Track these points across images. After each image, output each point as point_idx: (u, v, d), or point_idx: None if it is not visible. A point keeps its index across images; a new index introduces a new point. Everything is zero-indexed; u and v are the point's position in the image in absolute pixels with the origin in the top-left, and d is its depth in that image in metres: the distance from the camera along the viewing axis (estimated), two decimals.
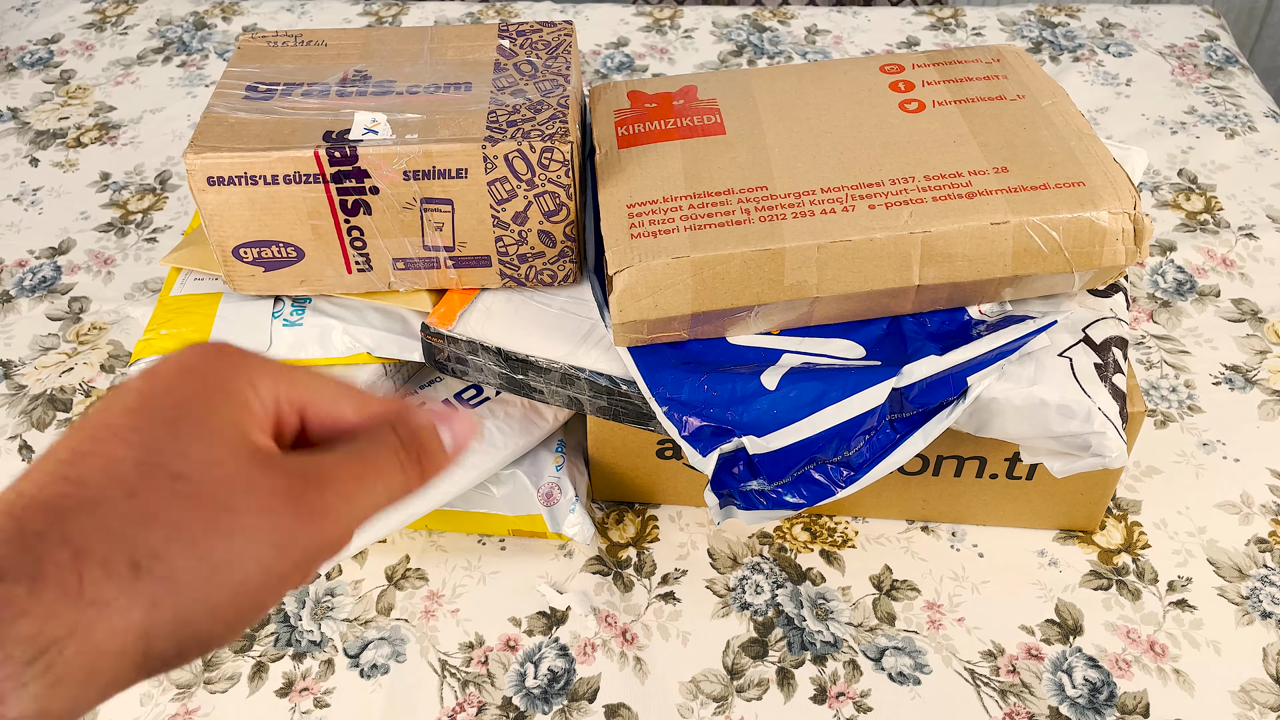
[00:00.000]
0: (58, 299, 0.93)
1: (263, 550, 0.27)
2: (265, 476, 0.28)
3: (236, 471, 0.28)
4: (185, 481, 0.27)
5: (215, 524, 0.27)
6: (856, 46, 1.20)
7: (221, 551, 0.27)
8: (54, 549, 0.25)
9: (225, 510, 0.27)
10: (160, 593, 0.26)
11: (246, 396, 0.29)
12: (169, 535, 0.26)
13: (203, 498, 0.27)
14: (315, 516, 0.28)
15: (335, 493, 0.29)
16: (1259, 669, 0.65)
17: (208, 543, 0.26)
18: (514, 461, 0.71)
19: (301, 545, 0.28)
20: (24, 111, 1.16)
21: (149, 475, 0.27)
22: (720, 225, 0.60)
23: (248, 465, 0.28)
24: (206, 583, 0.26)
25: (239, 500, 0.27)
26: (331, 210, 0.63)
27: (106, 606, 0.25)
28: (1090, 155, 0.63)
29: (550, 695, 0.65)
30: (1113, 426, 0.59)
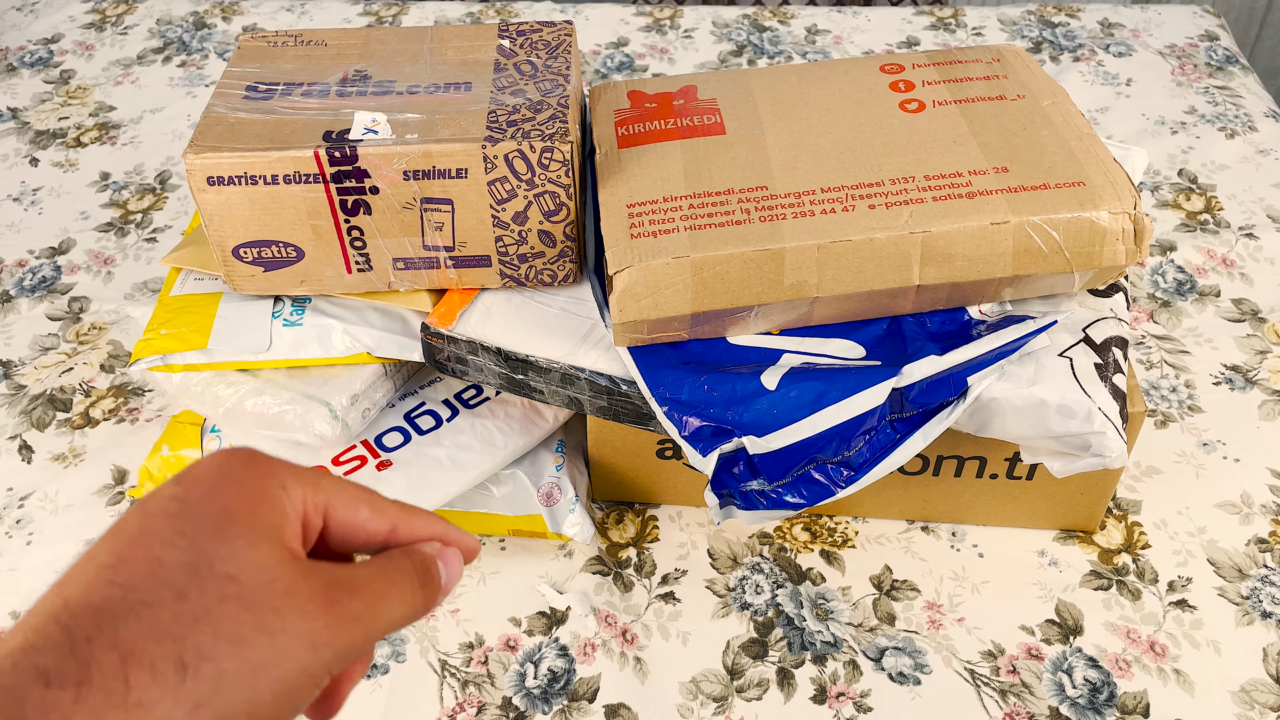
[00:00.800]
0: (58, 299, 0.93)
1: (302, 650, 0.28)
2: (305, 581, 0.29)
3: (281, 575, 0.29)
4: (235, 584, 0.28)
5: (261, 625, 0.28)
6: (856, 46, 1.20)
7: (265, 652, 0.28)
8: (102, 654, 0.26)
9: (271, 611, 0.28)
10: (205, 693, 0.26)
11: (281, 502, 0.31)
12: (217, 635, 0.27)
13: (251, 599, 0.28)
14: (345, 622, 0.30)
15: (363, 602, 0.31)
16: (1259, 669, 0.65)
17: (254, 643, 0.27)
18: (514, 461, 0.71)
19: (333, 648, 0.29)
20: (24, 111, 1.16)
21: (197, 577, 0.28)
22: (720, 225, 0.60)
23: (290, 569, 0.29)
24: (250, 682, 0.27)
25: (282, 603, 0.28)
26: (331, 210, 0.63)
27: (151, 709, 0.26)
28: (1090, 155, 0.63)
29: (550, 695, 0.65)
30: (1113, 426, 0.59)
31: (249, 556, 0.29)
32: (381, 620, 0.31)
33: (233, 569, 0.28)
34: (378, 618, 0.31)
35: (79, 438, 0.81)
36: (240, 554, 0.29)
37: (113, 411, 0.83)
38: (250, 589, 0.28)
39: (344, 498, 0.33)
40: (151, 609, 0.27)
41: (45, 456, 0.80)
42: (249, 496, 0.30)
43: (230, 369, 0.68)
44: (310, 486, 0.32)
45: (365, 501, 0.33)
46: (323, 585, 0.30)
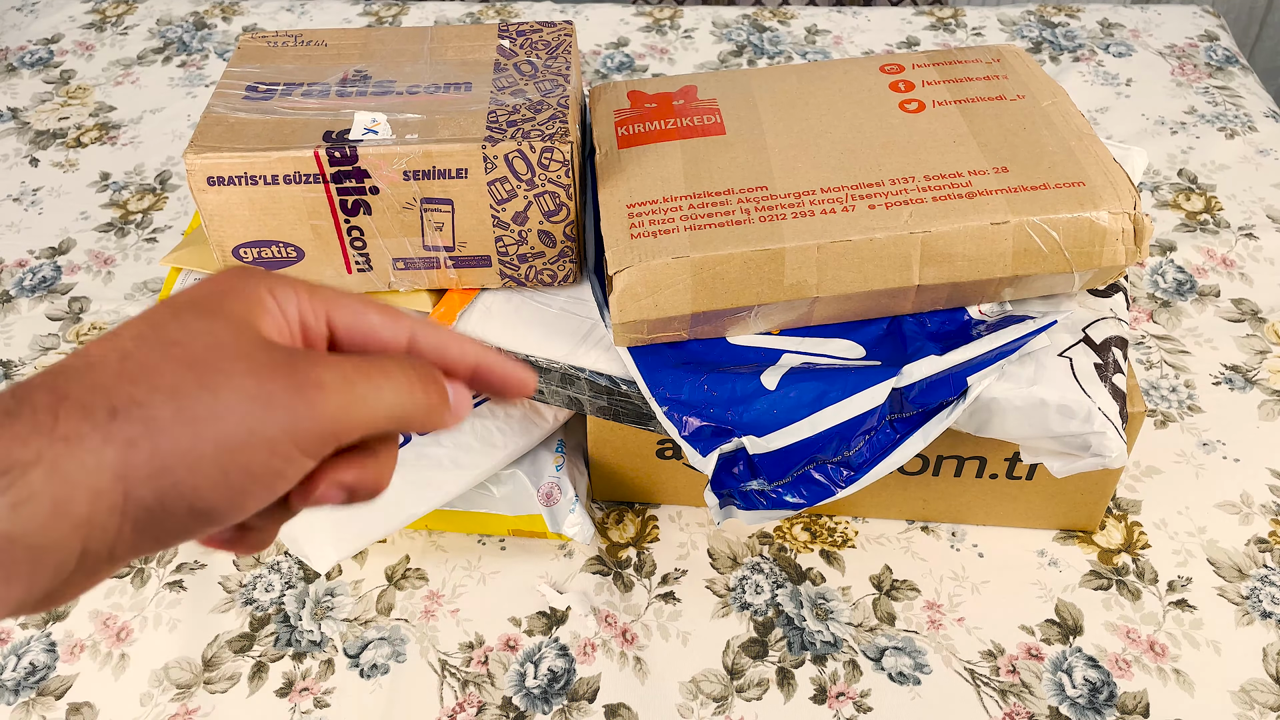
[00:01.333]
0: (58, 299, 0.93)
1: (248, 408, 0.27)
2: (262, 350, 0.28)
3: (233, 343, 0.28)
4: (180, 347, 0.28)
5: (202, 380, 0.27)
6: (856, 46, 1.20)
7: (204, 403, 0.27)
8: (37, 394, 0.26)
9: (214, 370, 0.27)
10: (136, 433, 0.26)
11: (261, 298, 0.30)
12: (152, 387, 0.27)
13: (193, 359, 0.27)
14: (307, 386, 0.28)
15: (333, 371, 0.29)
16: (1259, 669, 0.65)
17: (189, 394, 0.27)
18: (514, 461, 0.71)
19: (292, 412, 0.28)
20: (24, 111, 1.16)
21: (144, 342, 0.28)
22: (720, 225, 0.60)
23: (247, 342, 0.28)
24: (186, 431, 0.26)
25: (229, 364, 0.28)
26: (331, 210, 0.63)
27: (79, 442, 0.25)
28: (1090, 155, 0.63)
29: (550, 695, 0.65)
30: (1113, 426, 0.59)
31: (200, 326, 0.28)
32: (360, 397, 0.29)
33: (179, 336, 0.28)
34: (355, 393, 0.29)
35: None
36: (190, 325, 0.28)
37: None
38: (195, 351, 0.28)
39: (347, 301, 0.32)
40: (94, 368, 0.27)
41: None
42: (221, 290, 0.30)
43: None
44: (306, 291, 0.31)
45: (374, 308, 0.32)
46: (286, 355, 0.29)
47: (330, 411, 0.28)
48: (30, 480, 0.25)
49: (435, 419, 0.32)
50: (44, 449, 0.25)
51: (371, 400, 0.30)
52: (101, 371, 0.27)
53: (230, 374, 0.27)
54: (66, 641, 0.69)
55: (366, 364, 0.30)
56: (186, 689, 0.66)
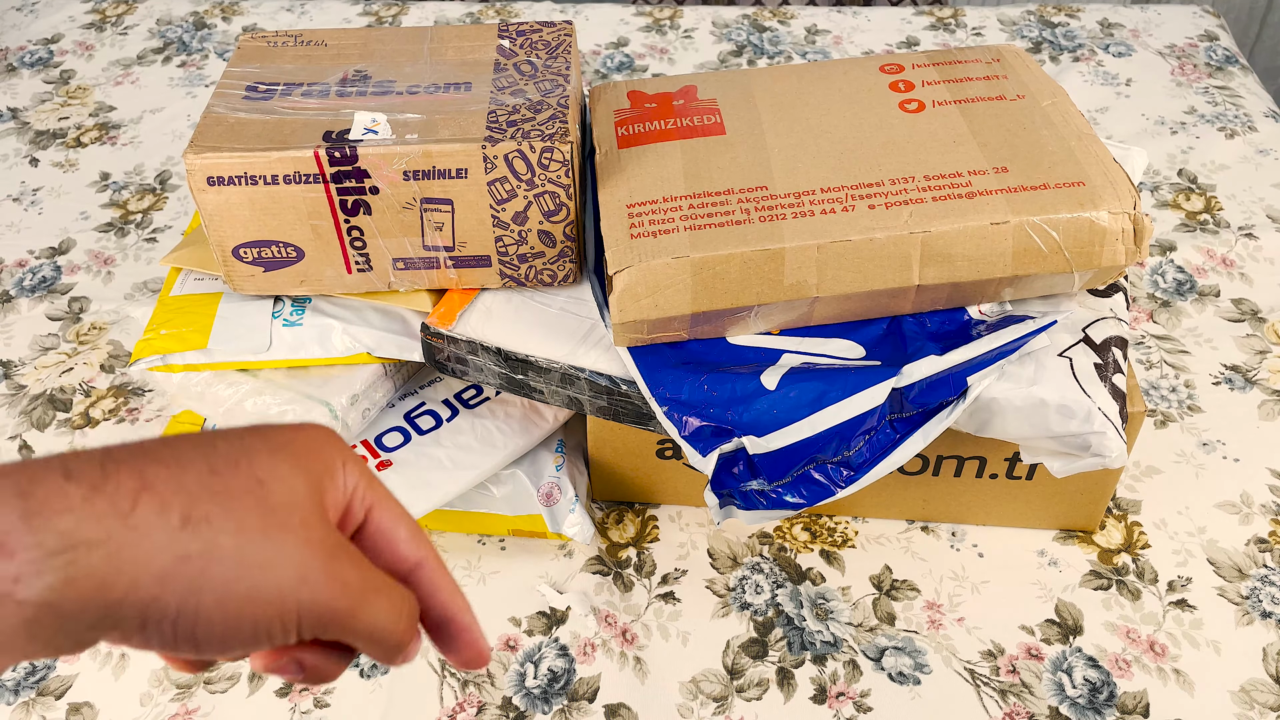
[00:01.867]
0: (58, 299, 0.93)
1: (289, 575, 0.29)
2: (320, 525, 0.30)
3: (304, 507, 0.30)
4: (263, 488, 0.29)
5: (267, 531, 0.29)
6: (856, 46, 1.20)
7: (259, 552, 0.29)
8: (125, 476, 0.27)
9: (281, 527, 0.29)
10: (195, 550, 0.27)
11: (335, 470, 0.32)
12: (227, 513, 0.28)
13: (270, 506, 0.29)
14: (338, 580, 0.30)
15: (360, 576, 0.31)
16: (1259, 669, 0.65)
17: (254, 538, 0.29)
18: (514, 461, 0.71)
19: (315, 595, 0.29)
20: (24, 111, 1.16)
21: (235, 466, 0.29)
22: (720, 225, 0.60)
23: (313, 511, 0.30)
24: (234, 569, 0.28)
25: (295, 526, 0.30)
26: (331, 210, 0.63)
27: (145, 536, 0.27)
28: (1090, 155, 0.63)
29: (550, 695, 0.65)
30: (1112, 426, 0.59)
31: (286, 477, 0.30)
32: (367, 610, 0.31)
33: (266, 477, 0.30)
34: (365, 603, 0.31)
35: (79, 438, 0.81)
36: (279, 472, 0.30)
37: (113, 411, 0.83)
38: (273, 499, 0.29)
39: (390, 506, 0.34)
40: (183, 467, 0.28)
41: None
42: (311, 447, 0.32)
43: (230, 369, 0.68)
44: (366, 478, 0.33)
45: (407, 523, 0.34)
46: (336, 541, 0.31)
47: (342, 607, 0.30)
48: (92, 560, 0.26)
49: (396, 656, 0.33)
50: (115, 532, 0.26)
51: (369, 615, 0.31)
52: (189, 475, 0.28)
53: (291, 534, 0.29)
54: None
55: (384, 581, 0.32)
56: (186, 689, 0.66)
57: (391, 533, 0.33)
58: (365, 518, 0.33)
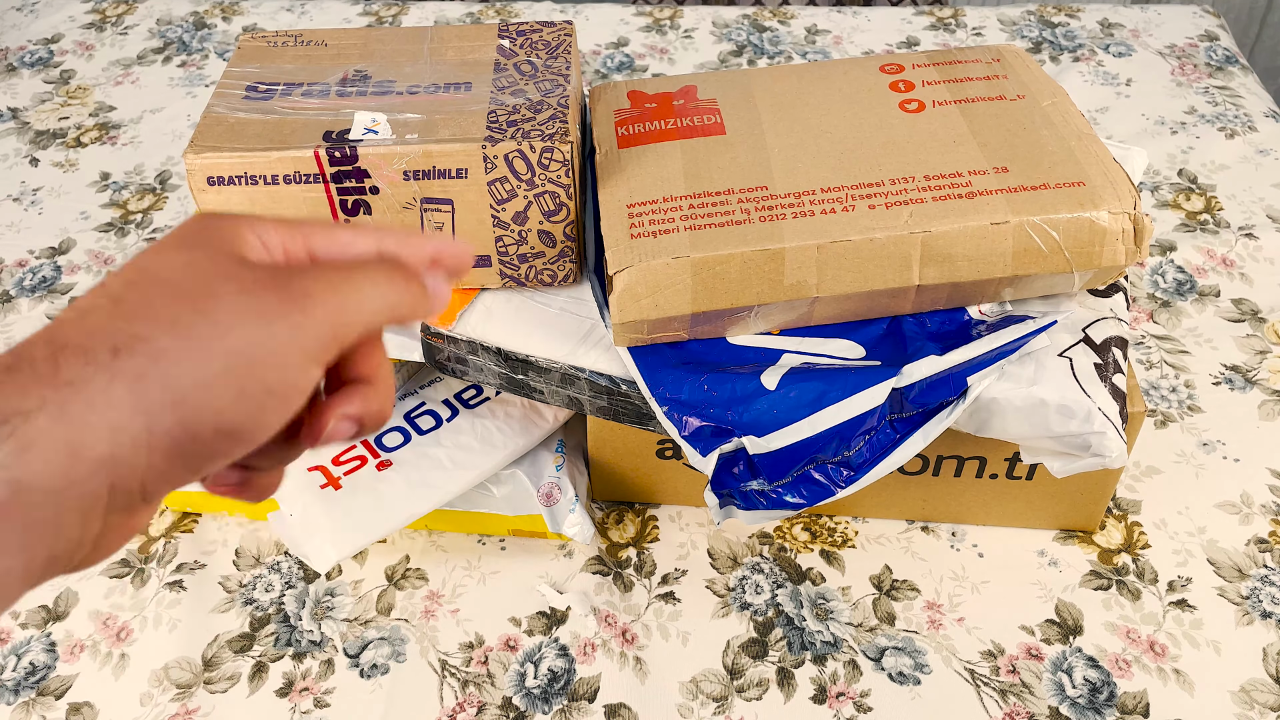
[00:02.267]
0: (58, 299, 0.93)
1: (246, 324, 0.28)
2: (247, 270, 0.29)
3: (220, 269, 0.29)
4: (169, 283, 0.28)
5: (195, 306, 0.28)
6: (856, 46, 1.20)
7: (203, 326, 0.27)
8: (34, 348, 0.27)
9: (206, 296, 0.28)
10: (143, 366, 0.26)
11: (240, 231, 0.30)
12: (150, 321, 0.27)
13: (185, 290, 0.28)
14: (298, 296, 0.29)
15: (317, 278, 0.30)
16: (1259, 669, 0.65)
17: (188, 321, 0.27)
18: (514, 461, 0.71)
19: (289, 320, 0.28)
20: (24, 111, 1.16)
21: (133, 285, 0.28)
22: (720, 225, 0.60)
23: (232, 265, 0.29)
24: (192, 355, 0.27)
25: (219, 287, 0.28)
26: (331, 210, 0.63)
27: (84, 384, 0.26)
28: (1090, 155, 0.63)
29: (550, 695, 0.65)
30: (1113, 426, 0.59)
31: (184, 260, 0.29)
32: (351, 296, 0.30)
33: (166, 274, 0.28)
34: (343, 296, 0.30)
35: None
36: (174, 260, 0.29)
37: None
38: (185, 283, 0.28)
39: (319, 227, 0.33)
40: (87, 314, 0.27)
41: None
42: (200, 226, 0.30)
43: None
44: (284, 224, 0.32)
45: (341, 227, 0.33)
46: (269, 271, 0.30)
47: (325, 314, 0.29)
48: (36, 425, 0.25)
49: (420, 306, 0.33)
50: (48, 395, 0.25)
51: (360, 297, 0.30)
52: (95, 316, 0.27)
53: (222, 295, 0.28)
54: (66, 641, 0.69)
55: (346, 267, 0.31)
56: (186, 689, 0.66)
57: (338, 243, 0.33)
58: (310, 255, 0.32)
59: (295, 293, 0.29)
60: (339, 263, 0.31)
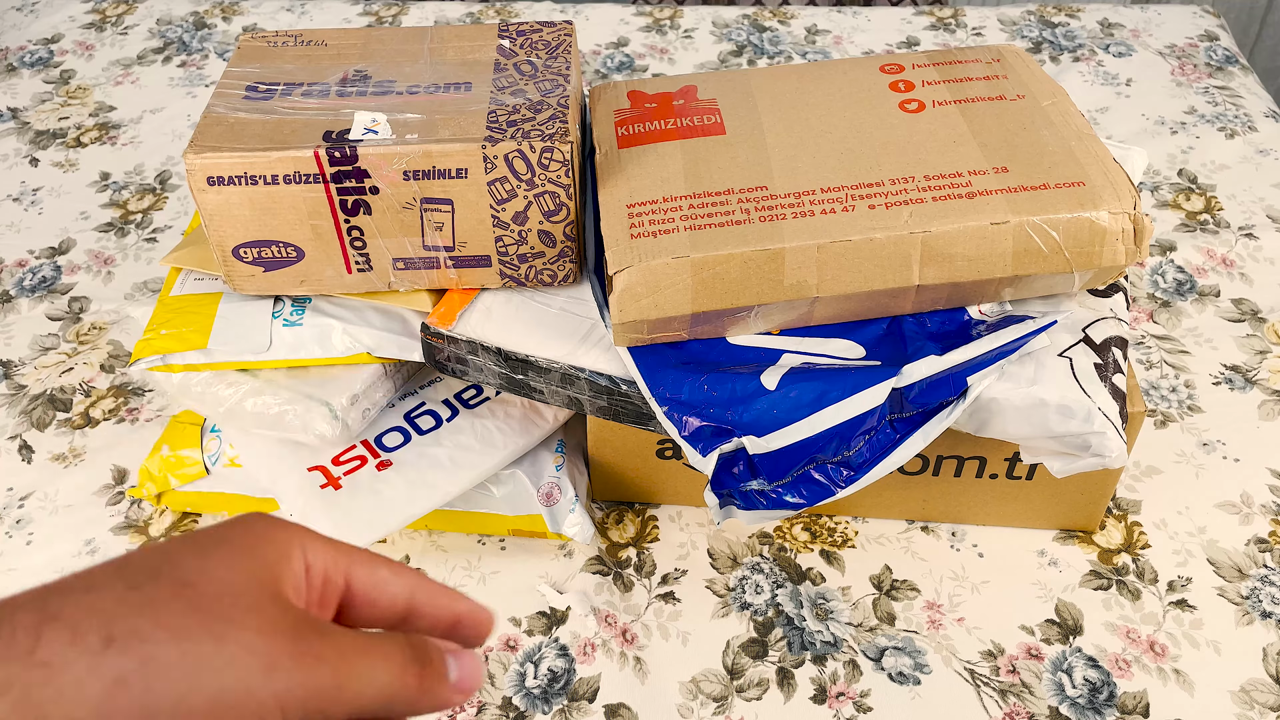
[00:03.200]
0: (58, 299, 0.93)
1: (251, 667, 0.26)
2: (277, 608, 0.27)
3: (250, 595, 0.27)
4: (193, 589, 0.26)
5: (209, 628, 0.26)
6: (856, 46, 1.20)
7: (208, 652, 0.25)
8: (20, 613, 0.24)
9: (224, 619, 0.26)
10: (129, 670, 0.24)
11: (290, 552, 0.29)
12: (156, 623, 0.25)
13: (204, 604, 0.26)
14: (310, 657, 0.27)
15: (334, 646, 0.28)
16: (1259, 669, 0.65)
17: (195, 639, 0.25)
18: (514, 461, 0.71)
19: (290, 679, 0.26)
20: (24, 111, 1.16)
21: (156, 577, 0.26)
22: (720, 225, 0.60)
23: (265, 596, 0.27)
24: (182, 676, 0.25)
25: (241, 616, 0.26)
26: (331, 210, 0.63)
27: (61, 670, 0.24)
28: (1090, 155, 0.63)
29: (550, 695, 0.65)
30: (1113, 426, 0.59)
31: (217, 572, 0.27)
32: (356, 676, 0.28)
33: (194, 578, 0.26)
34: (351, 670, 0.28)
35: (79, 438, 0.81)
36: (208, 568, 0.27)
37: (113, 411, 0.83)
38: (207, 596, 0.26)
39: (366, 558, 0.31)
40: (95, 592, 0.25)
41: (45, 456, 0.80)
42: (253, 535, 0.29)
43: (230, 369, 0.68)
44: (332, 547, 0.30)
45: (384, 563, 0.32)
46: (294, 619, 0.28)
47: (322, 687, 0.27)
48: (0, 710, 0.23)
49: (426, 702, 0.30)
50: (17, 676, 0.23)
51: (362, 681, 0.28)
52: (104, 596, 0.25)
53: (238, 625, 0.26)
54: None
55: (365, 641, 0.29)
56: None
57: (374, 578, 0.31)
58: (347, 584, 0.31)
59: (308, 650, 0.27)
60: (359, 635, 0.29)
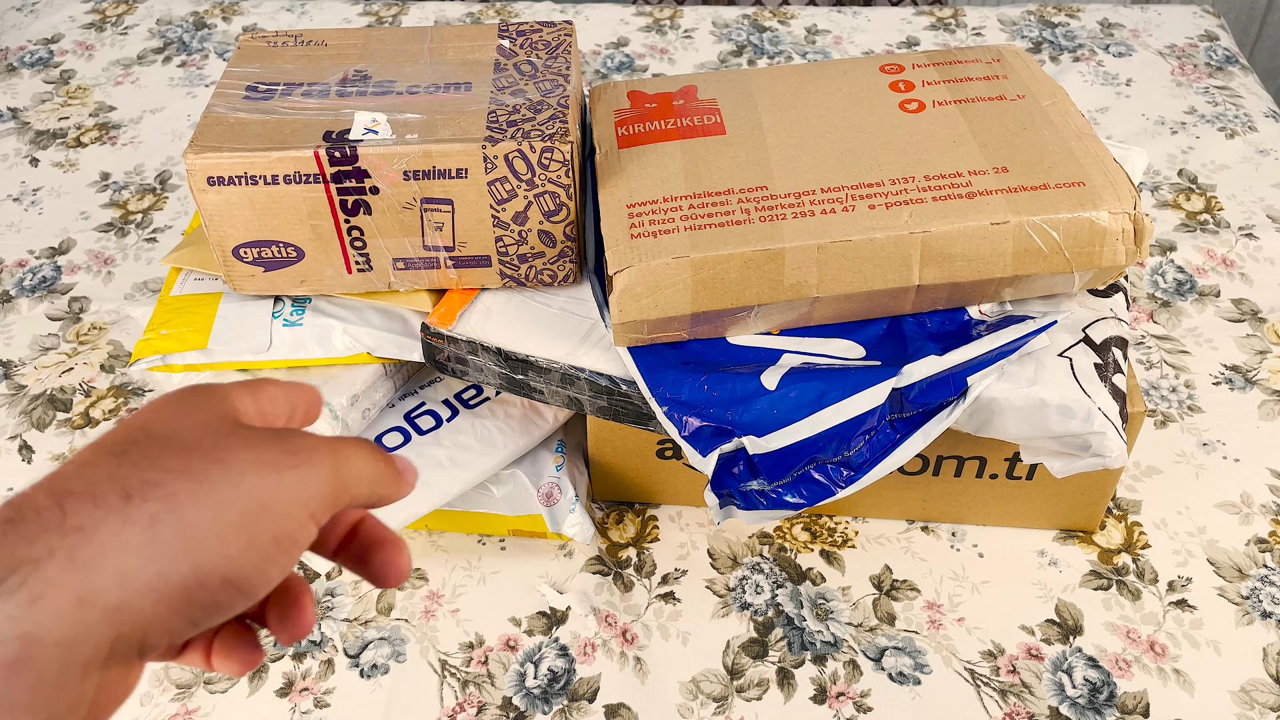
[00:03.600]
0: (58, 299, 0.93)
1: (258, 475, 0.28)
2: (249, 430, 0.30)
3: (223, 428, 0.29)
4: (174, 439, 0.28)
5: (206, 457, 0.27)
6: (856, 46, 1.20)
7: (217, 475, 0.27)
8: (36, 497, 0.25)
9: (216, 448, 0.28)
10: (158, 510, 0.26)
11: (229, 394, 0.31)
12: (161, 470, 0.27)
13: (192, 445, 0.28)
14: (302, 450, 0.29)
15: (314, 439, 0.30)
16: (1259, 669, 0.65)
17: (200, 470, 0.27)
18: (514, 461, 0.71)
19: (296, 472, 0.29)
20: (24, 111, 1.16)
21: (136, 442, 0.28)
22: (720, 225, 0.60)
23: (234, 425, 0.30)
24: (208, 501, 0.26)
25: (227, 441, 0.28)
26: (331, 210, 0.63)
27: (95, 529, 0.25)
28: (1090, 155, 0.63)
29: (550, 695, 0.65)
30: (1113, 426, 0.59)
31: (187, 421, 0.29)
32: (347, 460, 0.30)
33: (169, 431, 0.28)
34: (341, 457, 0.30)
35: (79, 438, 0.81)
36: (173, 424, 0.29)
37: (113, 411, 0.83)
38: (190, 439, 0.28)
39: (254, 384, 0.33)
40: (90, 465, 0.27)
41: (45, 456, 0.80)
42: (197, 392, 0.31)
43: (230, 369, 0.68)
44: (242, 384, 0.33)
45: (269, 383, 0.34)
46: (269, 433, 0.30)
47: (326, 472, 0.29)
48: (46, 574, 0.24)
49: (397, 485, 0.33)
50: (55, 543, 0.24)
51: (354, 466, 0.31)
52: (99, 468, 0.27)
53: (231, 448, 0.28)
54: None
55: (335, 438, 0.31)
56: (186, 689, 0.66)
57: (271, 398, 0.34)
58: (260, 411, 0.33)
59: (298, 448, 0.29)
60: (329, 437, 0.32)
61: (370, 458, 0.32)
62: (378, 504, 0.32)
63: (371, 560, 0.34)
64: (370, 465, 0.32)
